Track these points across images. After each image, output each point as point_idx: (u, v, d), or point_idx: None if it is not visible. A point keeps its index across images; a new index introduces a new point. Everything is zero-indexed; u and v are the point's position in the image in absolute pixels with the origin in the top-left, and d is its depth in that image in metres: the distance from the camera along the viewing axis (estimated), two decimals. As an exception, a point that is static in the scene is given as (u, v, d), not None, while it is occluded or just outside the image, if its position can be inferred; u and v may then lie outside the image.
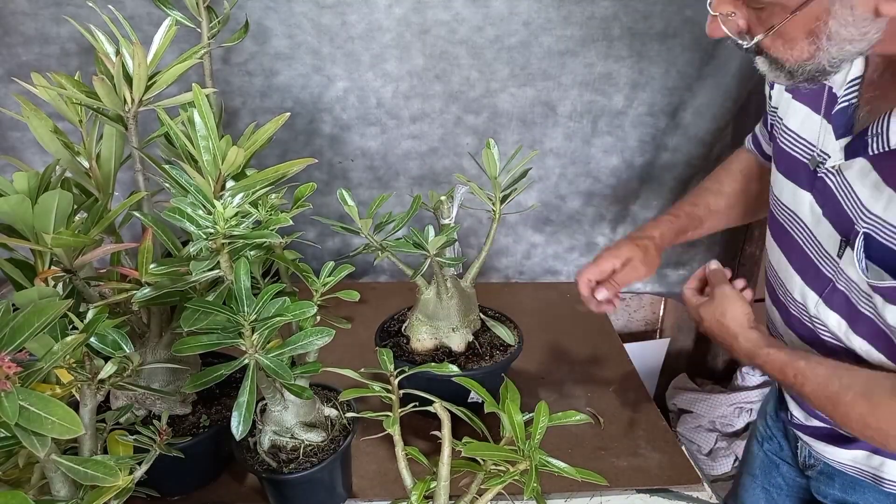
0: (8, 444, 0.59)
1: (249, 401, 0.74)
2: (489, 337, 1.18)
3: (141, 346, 0.91)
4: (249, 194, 0.73)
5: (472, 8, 1.37)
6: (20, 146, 1.52)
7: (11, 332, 0.52)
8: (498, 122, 1.54)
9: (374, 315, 1.26)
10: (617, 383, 1.29)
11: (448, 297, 1.12)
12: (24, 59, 1.41)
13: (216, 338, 0.72)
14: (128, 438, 0.78)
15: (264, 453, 0.89)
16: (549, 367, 1.35)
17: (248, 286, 0.73)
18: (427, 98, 1.50)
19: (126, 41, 0.82)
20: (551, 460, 0.69)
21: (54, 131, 0.85)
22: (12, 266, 0.75)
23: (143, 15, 1.36)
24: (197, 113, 0.70)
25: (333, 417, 0.95)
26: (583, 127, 1.56)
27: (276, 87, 1.47)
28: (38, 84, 0.82)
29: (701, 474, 1.06)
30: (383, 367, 0.79)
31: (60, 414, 0.52)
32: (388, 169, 1.59)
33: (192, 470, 0.98)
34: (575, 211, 1.70)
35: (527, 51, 1.43)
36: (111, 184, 0.89)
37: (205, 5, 1.16)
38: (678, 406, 2.08)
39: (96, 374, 0.67)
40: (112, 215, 0.80)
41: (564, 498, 1.01)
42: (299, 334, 0.78)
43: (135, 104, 0.82)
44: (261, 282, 1.08)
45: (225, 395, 1.03)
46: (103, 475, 0.61)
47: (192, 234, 0.71)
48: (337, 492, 0.96)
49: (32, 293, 0.66)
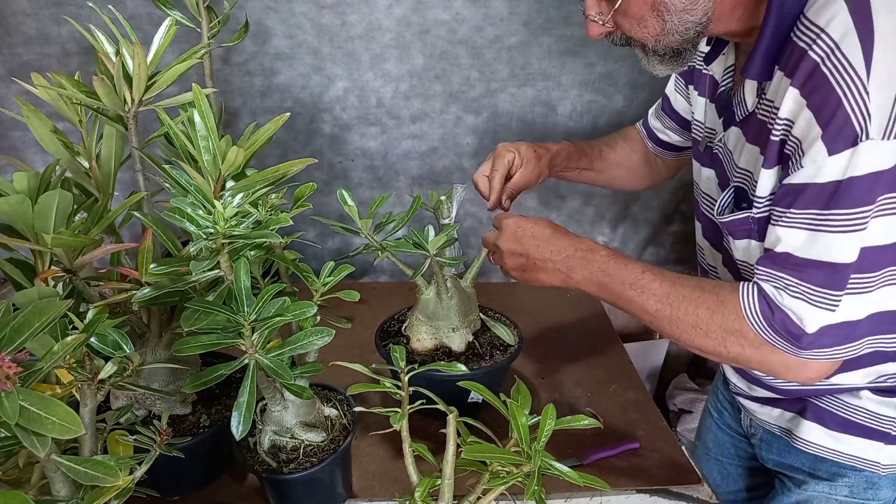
0: (8, 444, 0.59)
1: (249, 401, 0.74)
2: (489, 337, 1.18)
3: (141, 346, 0.91)
4: (249, 194, 0.73)
5: (472, 8, 1.38)
6: (21, 146, 1.52)
7: (12, 332, 0.52)
8: (498, 122, 1.54)
9: (374, 315, 1.26)
10: (617, 383, 1.29)
11: (448, 297, 1.12)
12: (24, 59, 1.41)
13: (216, 338, 0.72)
14: (128, 438, 0.78)
15: (264, 453, 0.89)
16: (549, 367, 1.35)
17: (248, 286, 0.73)
18: (427, 98, 1.50)
19: (126, 41, 0.82)
20: (555, 464, 0.69)
21: (54, 131, 0.85)
22: (12, 266, 0.75)
23: (143, 15, 1.36)
24: (197, 113, 0.70)
25: (333, 417, 0.95)
26: (583, 127, 1.56)
27: (276, 87, 1.47)
28: (38, 84, 0.82)
29: (701, 474, 1.06)
30: (395, 363, 0.79)
31: (61, 414, 0.52)
32: (388, 169, 1.59)
33: (192, 470, 0.98)
34: (575, 211, 1.70)
35: (527, 51, 1.43)
36: (111, 184, 0.89)
37: (205, 5, 1.16)
38: (678, 406, 2.08)
39: (96, 374, 0.67)
40: (112, 215, 0.80)
41: (565, 498, 1.01)
42: (299, 334, 0.78)
43: (135, 104, 0.82)
44: (261, 282, 1.08)
45: (225, 395, 1.03)
46: (103, 475, 0.61)
47: (192, 234, 0.71)
48: (337, 492, 0.96)
49: (32, 293, 0.66)
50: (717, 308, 0.82)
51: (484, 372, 1.09)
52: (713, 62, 0.95)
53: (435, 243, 1.06)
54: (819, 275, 0.76)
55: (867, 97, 0.68)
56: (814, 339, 0.78)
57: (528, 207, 1.66)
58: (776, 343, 0.80)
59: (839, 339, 0.78)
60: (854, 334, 0.78)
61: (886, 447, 0.94)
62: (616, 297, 0.89)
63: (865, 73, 0.69)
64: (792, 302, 0.78)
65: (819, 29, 0.72)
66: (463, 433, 0.73)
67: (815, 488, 1.01)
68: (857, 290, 0.76)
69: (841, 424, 0.95)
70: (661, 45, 0.84)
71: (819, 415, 0.97)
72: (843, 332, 0.77)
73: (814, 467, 1.01)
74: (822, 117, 0.71)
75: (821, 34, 0.72)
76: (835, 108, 0.70)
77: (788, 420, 1.02)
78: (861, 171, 0.70)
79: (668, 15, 0.80)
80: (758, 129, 0.83)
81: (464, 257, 1.13)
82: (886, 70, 0.68)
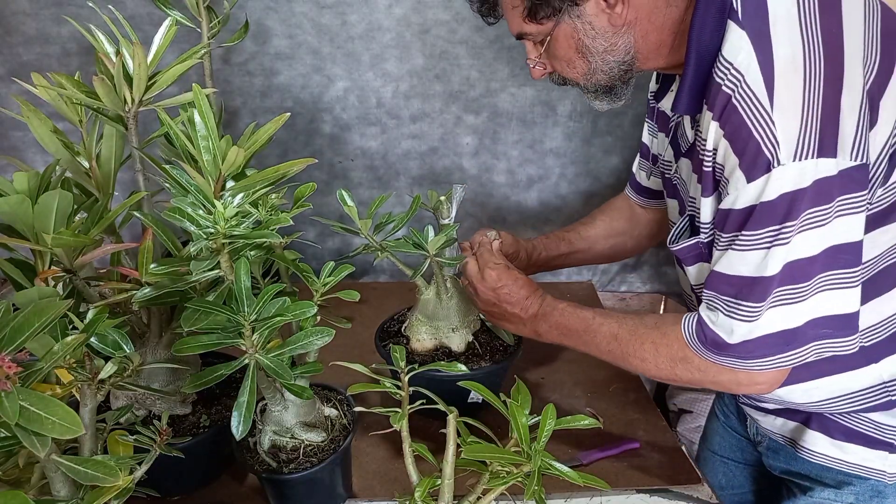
0: (8, 444, 0.59)
1: (249, 401, 0.74)
2: (489, 337, 1.18)
3: (141, 346, 0.91)
4: (249, 194, 0.73)
5: (473, 8, 1.37)
6: (21, 146, 1.52)
7: (12, 332, 0.52)
8: (498, 121, 1.54)
9: (374, 315, 1.26)
10: (617, 383, 1.29)
11: (448, 297, 1.12)
12: (25, 59, 1.41)
13: (216, 338, 0.72)
14: (128, 438, 0.78)
15: (264, 453, 0.89)
16: (549, 367, 1.34)
17: (249, 286, 0.73)
18: (427, 98, 1.50)
19: (126, 41, 0.82)
20: (555, 464, 0.69)
21: (54, 131, 0.85)
22: (12, 266, 0.75)
23: (143, 15, 1.36)
24: (197, 113, 0.70)
25: (333, 417, 0.95)
26: (583, 127, 1.56)
27: (276, 86, 1.47)
28: (38, 84, 0.82)
29: (701, 474, 1.06)
30: (395, 363, 0.79)
31: (61, 414, 0.52)
32: (388, 169, 1.59)
33: (192, 470, 0.98)
34: (575, 211, 1.70)
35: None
36: (111, 184, 0.89)
37: (205, 5, 1.16)
38: (678, 406, 2.08)
39: (96, 375, 0.67)
40: (112, 215, 0.80)
41: (564, 498, 1.01)
42: (299, 334, 0.78)
43: (135, 104, 0.82)
44: (261, 282, 1.08)
45: (225, 395, 1.03)
46: (104, 475, 0.61)
47: (193, 234, 0.71)
48: (337, 492, 0.96)
49: (33, 293, 0.66)
50: (660, 340, 0.90)
51: (484, 372, 1.09)
52: (663, 98, 0.99)
53: (435, 243, 1.06)
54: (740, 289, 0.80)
55: (773, 125, 0.72)
56: (746, 350, 0.82)
57: (529, 208, 1.66)
58: (718, 361, 0.85)
59: (779, 347, 0.81)
60: (795, 341, 0.81)
61: (891, 456, 0.93)
62: (575, 342, 1.00)
63: (769, 103, 0.73)
64: (723, 319, 0.83)
65: (729, 63, 0.76)
66: (463, 433, 0.73)
67: (822, 495, 1.01)
68: (788, 301, 0.79)
69: (845, 434, 0.95)
70: (592, 83, 0.91)
71: (824, 424, 0.97)
72: (783, 339, 0.81)
73: (820, 475, 1.00)
74: (737, 147, 0.75)
75: (730, 68, 0.76)
76: (747, 139, 0.74)
77: (792, 430, 1.02)
78: (773, 194, 0.74)
79: (591, 56, 0.86)
80: (697, 160, 0.86)
81: (463, 257, 1.13)
82: (787, 96, 0.72)
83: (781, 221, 0.75)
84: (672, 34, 0.85)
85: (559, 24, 0.85)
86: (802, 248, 0.76)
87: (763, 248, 0.77)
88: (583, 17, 0.83)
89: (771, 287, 0.78)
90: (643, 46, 0.86)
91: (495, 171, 1.60)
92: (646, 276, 1.80)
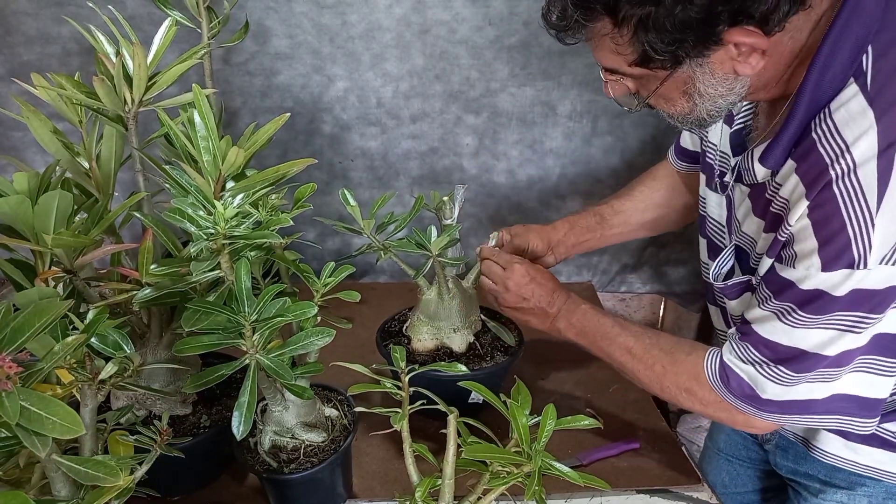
0: (9, 444, 0.59)
1: (250, 401, 0.74)
2: (490, 338, 1.18)
3: (141, 346, 0.91)
4: (250, 195, 0.73)
5: (472, 8, 1.37)
6: (21, 146, 1.52)
7: (12, 333, 0.52)
8: (498, 121, 1.54)
9: (375, 315, 1.26)
10: (617, 383, 1.29)
11: (450, 297, 1.12)
12: (25, 59, 1.41)
13: (217, 338, 0.72)
14: (128, 439, 0.78)
15: (265, 453, 0.89)
16: (550, 367, 1.34)
17: (249, 286, 0.73)
18: (427, 98, 1.50)
19: (126, 41, 0.82)
20: (555, 464, 0.69)
21: (54, 132, 0.85)
22: (13, 266, 0.75)
23: (143, 15, 1.36)
24: (197, 113, 0.70)
25: (334, 418, 0.95)
26: (583, 127, 1.56)
27: (276, 87, 1.47)
28: (38, 84, 0.82)
29: (701, 474, 1.06)
30: (395, 364, 0.79)
31: (61, 414, 0.52)
32: (389, 169, 1.59)
33: (192, 470, 0.98)
34: (575, 211, 1.69)
35: (527, 51, 1.43)
36: (111, 184, 0.89)
37: (205, 5, 1.16)
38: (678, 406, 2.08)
39: (97, 375, 0.67)
40: (112, 216, 0.79)
41: (565, 498, 1.01)
42: (300, 335, 0.78)
43: (135, 104, 0.82)
44: (261, 282, 1.08)
45: (225, 395, 1.03)
46: (104, 475, 0.61)
47: (193, 235, 0.71)
48: (337, 492, 0.96)
49: (33, 294, 0.66)
50: (670, 367, 0.91)
51: (485, 373, 1.09)
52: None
53: (438, 244, 1.06)
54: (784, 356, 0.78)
55: (872, 229, 0.68)
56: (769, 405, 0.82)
57: (529, 208, 1.65)
58: (733, 403, 0.85)
59: (800, 411, 0.83)
60: (817, 410, 0.82)
61: None
62: (590, 345, 1.01)
63: (876, 206, 0.67)
64: (754, 374, 0.82)
65: (845, 146, 0.69)
66: (463, 433, 0.73)
67: (833, 497, 1.00)
68: (828, 378, 0.79)
69: (862, 437, 0.93)
70: (684, 121, 0.82)
71: None
72: (808, 406, 0.82)
73: (830, 476, 0.99)
74: (821, 234, 0.71)
75: (845, 153, 0.69)
76: (837, 231, 0.69)
77: (806, 429, 1.00)
78: (846, 290, 0.71)
79: (700, 99, 0.77)
80: (762, 202, 0.83)
81: (465, 258, 1.13)
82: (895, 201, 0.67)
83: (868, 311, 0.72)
84: (787, 66, 0.76)
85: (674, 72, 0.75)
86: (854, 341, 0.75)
87: (833, 330, 0.74)
88: (705, 65, 0.73)
89: (821, 364, 0.77)
90: (756, 82, 0.77)
91: (495, 171, 1.60)
92: (646, 277, 1.80)
